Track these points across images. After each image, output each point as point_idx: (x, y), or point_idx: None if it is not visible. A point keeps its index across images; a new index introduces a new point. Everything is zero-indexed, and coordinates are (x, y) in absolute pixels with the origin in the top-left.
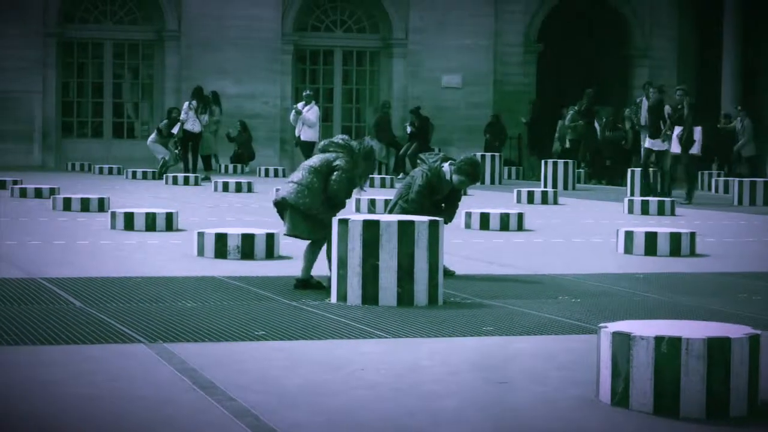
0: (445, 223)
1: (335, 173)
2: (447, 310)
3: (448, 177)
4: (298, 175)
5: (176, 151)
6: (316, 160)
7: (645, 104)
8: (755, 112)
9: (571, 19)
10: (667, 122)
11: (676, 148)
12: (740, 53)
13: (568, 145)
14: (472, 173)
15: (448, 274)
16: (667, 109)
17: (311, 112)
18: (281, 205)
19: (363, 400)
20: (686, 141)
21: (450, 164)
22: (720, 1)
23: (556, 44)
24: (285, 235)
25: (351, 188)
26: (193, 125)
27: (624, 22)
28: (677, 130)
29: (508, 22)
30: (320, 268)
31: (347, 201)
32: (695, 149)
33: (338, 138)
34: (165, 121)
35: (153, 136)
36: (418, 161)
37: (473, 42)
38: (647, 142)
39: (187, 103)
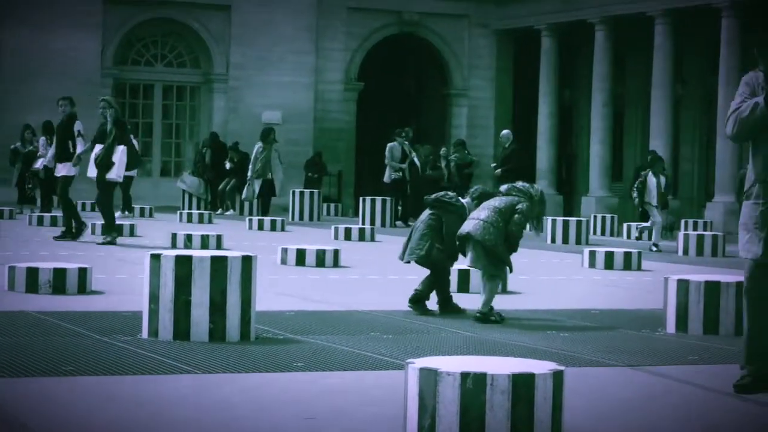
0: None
1: (516, 216)
2: (259, 345)
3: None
4: (483, 214)
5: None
6: (500, 202)
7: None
8: (570, 148)
9: (393, 58)
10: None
11: (92, 171)
12: (556, 93)
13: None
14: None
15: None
16: (77, 125)
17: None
18: (464, 239)
19: None
20: (101, 161)
21: (470, 198)
22: (537, 41)
23: (377, 82)
24: (468, 266)
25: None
26: (50, 162)
27: (444, 62)
28: (98, 148)
29: (329, 60)
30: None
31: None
32: (114, 174)
33: (519, 184)
34: None
35: None
36: (437, 204)
37: (294, 79)
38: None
39: (43, 139)
